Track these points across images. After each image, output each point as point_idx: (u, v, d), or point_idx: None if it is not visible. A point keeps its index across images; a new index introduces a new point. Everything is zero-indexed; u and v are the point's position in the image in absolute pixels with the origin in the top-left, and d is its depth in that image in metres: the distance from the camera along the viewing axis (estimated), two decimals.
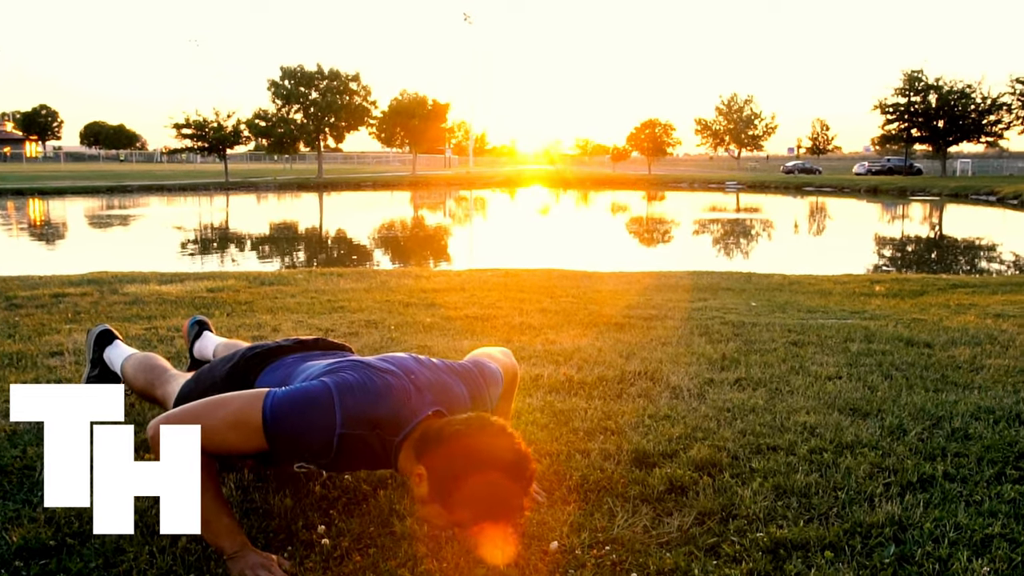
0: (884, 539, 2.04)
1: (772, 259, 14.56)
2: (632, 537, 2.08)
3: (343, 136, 56.00)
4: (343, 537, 2.08)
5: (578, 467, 2.52)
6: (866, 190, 46.21)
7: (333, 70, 53.06)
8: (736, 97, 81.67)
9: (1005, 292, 6.94)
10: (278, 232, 22.61)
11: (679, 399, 3.26)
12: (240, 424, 1.91)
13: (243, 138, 49.32)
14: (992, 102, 55.54)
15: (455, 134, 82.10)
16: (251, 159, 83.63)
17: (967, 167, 64.33)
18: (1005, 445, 2.68)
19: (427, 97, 61.13)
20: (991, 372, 3.68)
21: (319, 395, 1.94)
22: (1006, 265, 15.48)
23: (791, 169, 71.43)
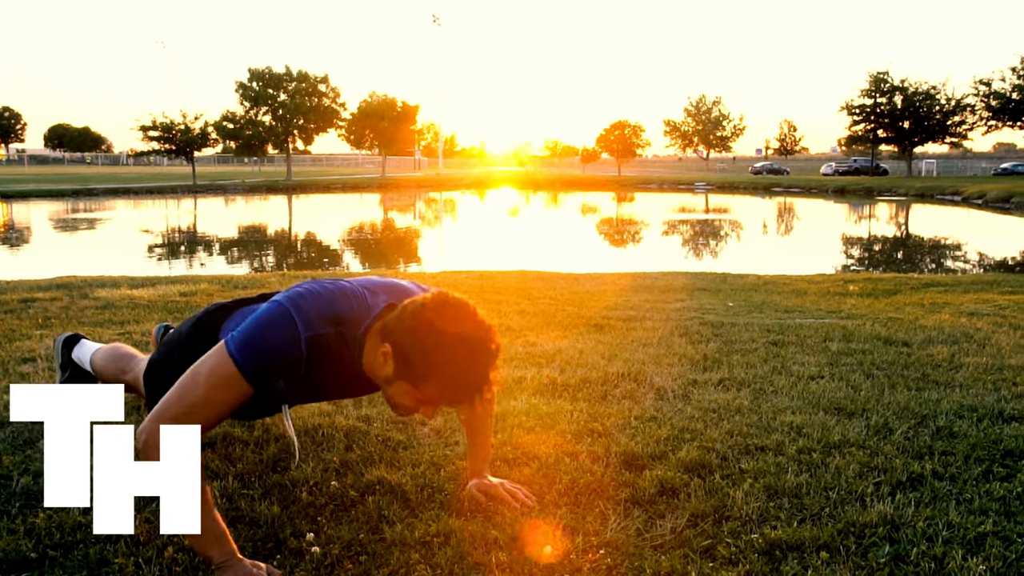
0: (878, 539, 2.03)
1: (744, 259, 14.64)
2: (625, 540, 2.06)
3: (312, 138, 55.64)
4: (333, 544, 2.05)
5: (567, 470, 2.50)
6: (834, 190, 46.61)
7: (302, 72, 52.73)
8: (704, 98, 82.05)
9: (976, 290, 7.02)
10: (247, 235, 22.40)
11: (664, 400, 3.25)
12: (220, 382, 1.91)
13: (211, 140, 48.85)
14: (956, 103, 56.30)
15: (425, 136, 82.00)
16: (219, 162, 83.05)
17: (932, 167, 65.19)
18: (990, 443, 2.70)
19: (396, 99, 60.97)
20: (970, 370, 3.70)
21: (274, 313, 1.96)
22: (971, 265, 15.67)
23: (759, 170, 71.98)
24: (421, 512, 2.24)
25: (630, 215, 31.66)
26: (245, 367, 1.90)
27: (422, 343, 1.82)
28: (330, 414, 3.05)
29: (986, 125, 55.05)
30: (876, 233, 23.51)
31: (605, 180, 60.67)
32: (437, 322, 1.82)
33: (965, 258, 16.68)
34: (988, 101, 53.34)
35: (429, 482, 2.43)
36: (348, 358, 2.01)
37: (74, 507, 2.21)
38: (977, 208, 32.79)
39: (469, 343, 1.82)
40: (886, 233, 23.61)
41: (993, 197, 34.17)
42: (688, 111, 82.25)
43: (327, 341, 1.96)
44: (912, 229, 25.21)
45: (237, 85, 51.59)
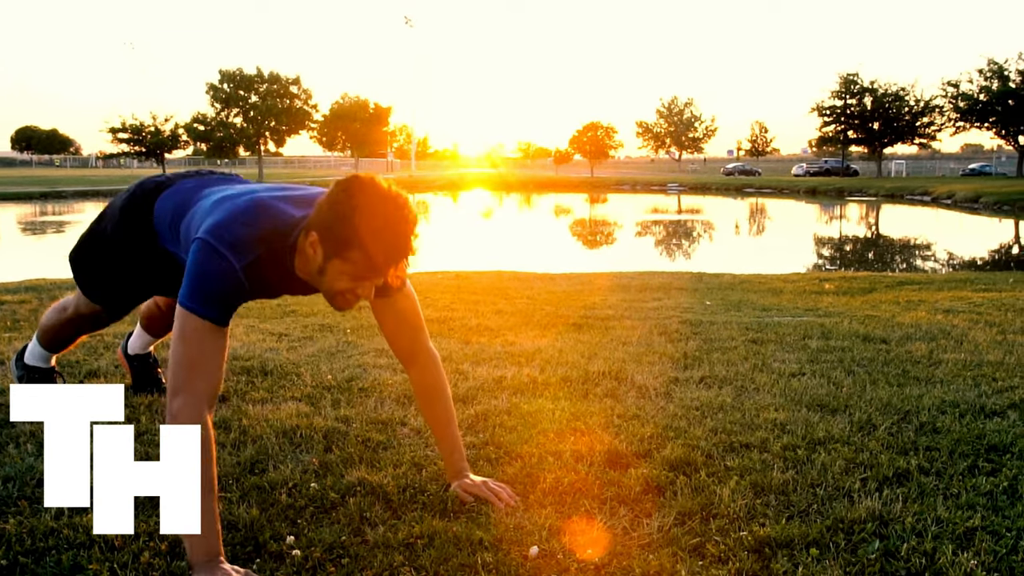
0: (867, 535, 2.01)
1: (719, 259, 14.68)
2: (612, 540, 2.03)
3: (284, 140, 55.43)
4: (314, 547, 2.00)
5: (551, 469, 2.46)
6: (805, 191, 46.99)
7: (273, 73, 52.47)
8: (676, 100, 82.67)
9: (950, 288, 7.07)
10: None
11: (646, 399, 3.22)
12: (198, 335, 1.95)
13: (181, 142, 48.58)
14: (925, 105, 57.04)
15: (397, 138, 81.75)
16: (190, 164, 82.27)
17: (901, 168, 65.97)
18: (973, 438, 2.69)
19: (369, 100, 60.90)
20: (949, 367, 3.71)
21: (205, 255, 1.97)
22: (943, 264, 15.82)
23: (731, 171, 72.38)
24: (404, 513, 2.20)
25: (605, 216, 31.72)
26: (204, 312, 1.94)
27: (341, 212, 1.87)
28: (308, 415, 3.00)
29: (954, 126, 55.85)
30: (849, 233, 23.70)
31: (578, 181, 60.76)
32: (350, 191, 1.89)
33: (937, 257, 16.85)
34: (956, 102, 54.10)
35: (411, 483, 2.39)
36: (287, 267, 2.06)
37: (45, 513, 2.16)
38: (946, 208, 33.16)
39: (384, 201, 1.87)
40: (858, 233, 23.80)
41: (962, 197, 34.57)
42: (660, 112, 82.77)
43: (260, 262, 2.00)
44: (884, 229, 25.44)
45: (208, 86, 51.28)
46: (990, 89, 51.61)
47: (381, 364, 3.79)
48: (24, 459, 2.52)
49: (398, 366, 3.73)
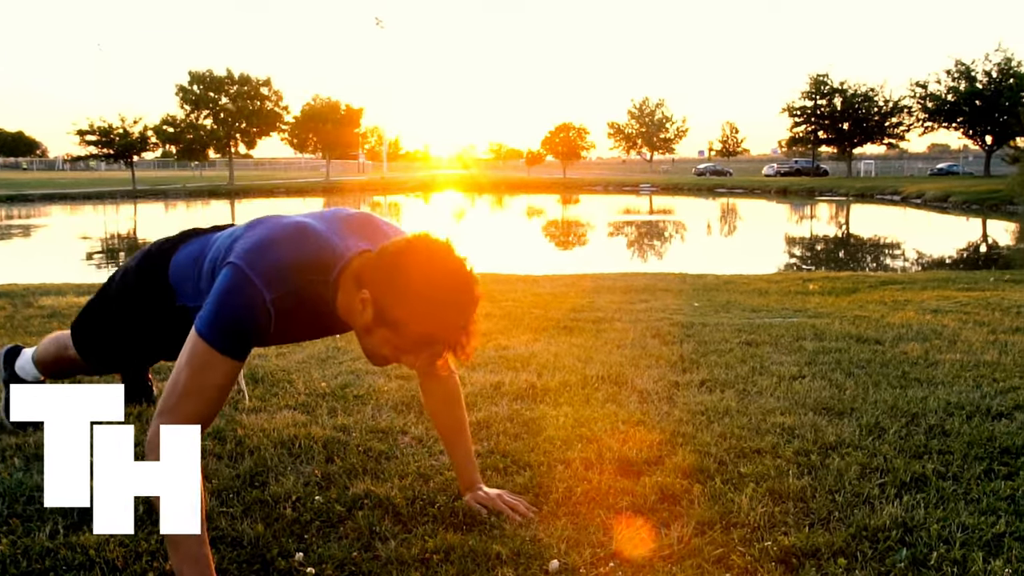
0: (893, 543, 1.97)
1: (698, 260, 14.70)
2: (633, 552, 1.97)
3: (255, 142, 54.98)
4: (325, 564, 1.93)
5: (562, 478, 2.41)
6: (776, 191, 47.32)
7: (243, 75, 52.02)
8: (648, 101, 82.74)
9: (934, 287, 7.09)
10: None
11: (649, 403, 3.17)
12: (203, 366, 1.80)
13: (150, 144, 47.97)
14: (894, 105, 57.64)
15: (369, 139, 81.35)
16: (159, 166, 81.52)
17: (870, 168, 66.58)
18: (985, 440, 2.66)
19: (340, 102, 60.48)
20: (947, 367, 3.69)
21: (233, 282, 1.82)
22: (918, 263, 15.94)
23: (703, 171, 72.74)
24: (414, 527, 2.13)
25: (580, 218, 31.73)
26: (217, 344, 1.79)
27: (402, 285, 1.73)
28: (305, 424, 2.92)
29: (922, 126, 56.55)
30: (824, 233, 23.85)
31: (550, 182, 60.79)
32: (417, 263, 1.73)
33: (914, 256, 16.97)
34: (924, 103, 54.76)
35: (419, 494, 2.32)
36: (321, 304, 1.90)
37: (39, 532, 2.08)
38: (916, 207, 33.50)
39: (450, 283, 1.73)
40: (834, 233, 23.96)
41: (931, 197, 34.96)
42: (632, 113, 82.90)
43: (294, 295, 1.85)
44: (859, 229, 25.62)
45: (177, 88, 50.74)
46: (958, 90, 52.30)
47: (374, 370, 3.71)
48: (12, 474, 2.43)
49: (392, 372, 3.66)
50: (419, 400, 3.21)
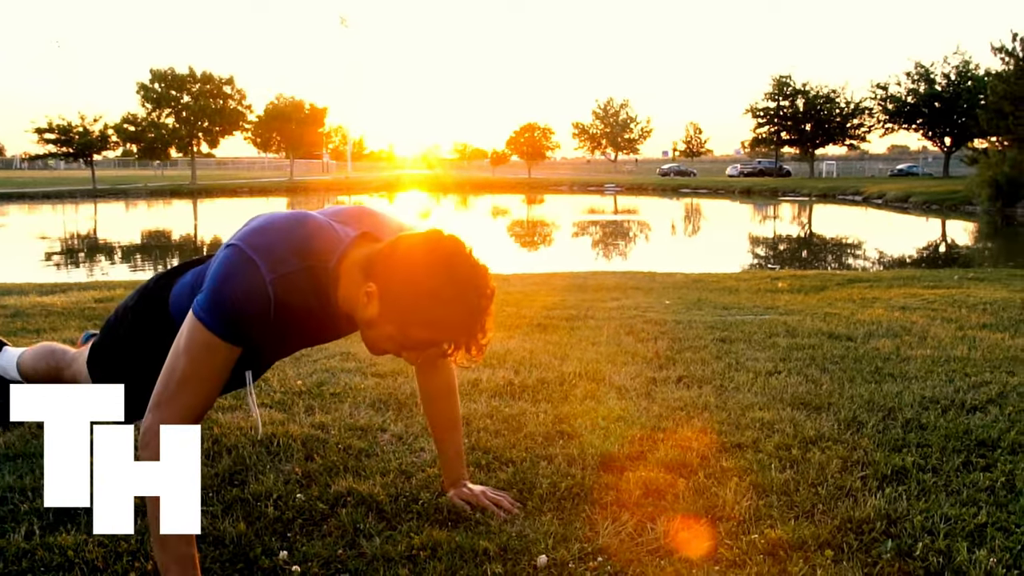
0: (878, 534, 1.98)
1: (666, 258, 14.77)
2: (620, 546, 1.97)
3: (217, 141, 54.43)
4: (311, 562, 1.90)
5: (545, 474, 2.40)
6: (740, 191, 47.72)
7: (206, 73, 51.52)
8: (612, 101, 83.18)
9: (900, 286, 7.17)
10: (153, 240, 21.70)
11: (627, 399, 3.17)
12: (200, 351, 1.74)
13: (111, 143, 47.33)
14: (855, 106, 58.45)
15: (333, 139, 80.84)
16: (120, 165, 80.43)
17: (832, 168, 67.35)
18: (961, 434, 2.69)
19: (304, 101, 60.06)
20: (919, 363, 3.73)
21: (232, 261, 1.75)
22: (882, 261, 16.14)
23: (667, 171, 73.16)
24: (399, 524, 2.11)
25: (547, 217, 31.77)
26: (216, 328, 1.72)
27: (413, 284, 1.66)
28: (283, 422, 2.88)
29: (883, 127, 57.39)
30: (790, 233, 24.09)
31: (515, 182, 60.82)
32: (430, 262, 1.67)
33: (879, 256, 17.18)
34: (885, 104, 55.56)
35: (402, 491, 2.30)
36: (321, 295, 1.82)
37: (14, 533, 2.03)
38: (878, 208, 33.97)
39: (462, 286, 1.66)
40: (800, 233, 24.22)
41: (892, 197, 35.46)
42: (596, 114, 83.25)
43: (295, 278, 1.76)
44: (824, 229, 25.91)
45: (138, 86, 50.12)
46: (917, 92, 53.15)
47: (349, 368, 3.68)
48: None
49: (368, 370, 3.63)
50: (396, 398, 3.19)
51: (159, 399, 1.75)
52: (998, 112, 33.55)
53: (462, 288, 1.66)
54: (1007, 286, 6.96)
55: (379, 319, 1.73)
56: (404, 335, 1.72)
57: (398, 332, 1.72)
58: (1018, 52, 32.92)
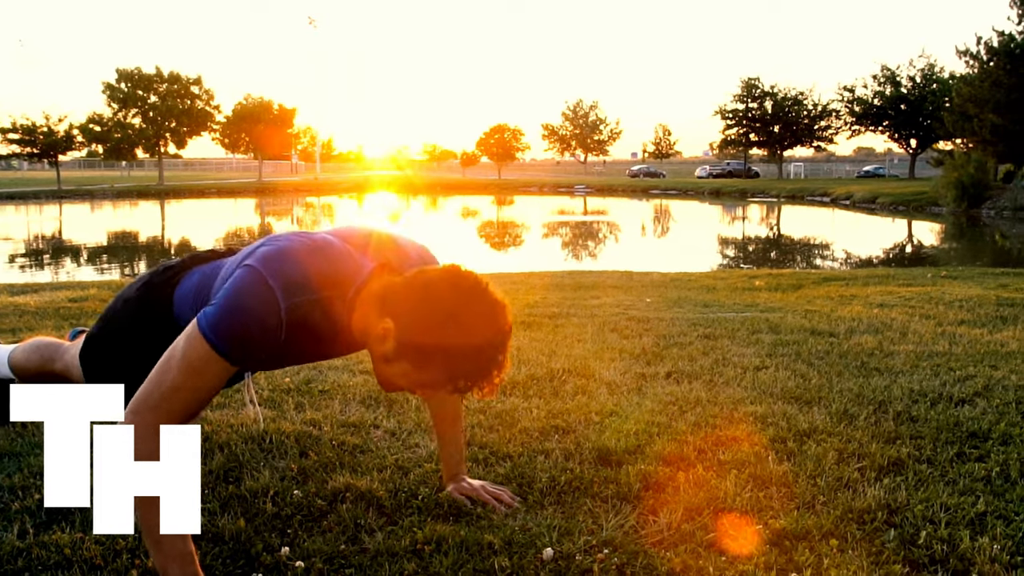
0: (880, 524, 2.00)
1: (640, 259, 14.81)
2: (624, 539, 1.96)
3: (185, 142, 53.81)
4: (314, 558, 1.88)
5: (543, 468, 2.39)
6: (710, 192, 48.02)
7: (173, 73, 50.96)
8: (582, 103, 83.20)
9: (875, 284, 7.24)
10: (120, 241, 21.45)
11: (618, 395, 3.17)
12: (197, 365, 1.69)
13: (76, 143, 46.75)
14: (823, 109, 59.07)
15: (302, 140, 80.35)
16: (85, 166, 79.44)
17: (800, 170, 67.90)
18: (952, 425, 2.72)
19: (273, 101, 59.60)
20: (903, 358, 3.77)
21: (247, 282, 1.71)
22: (847, 261, 16.30)
23: (636, 173, 73.40)
24: (400, 519, 2.09)
25: (519, 218, 31.78)
26: (221, 346, 1.68)
27: (432, 325, 1.63)
28: (274, 419, 2.85)
29: (850, 129, 58.04)
30: (762, 234, 24.27)
31: (486, 183, 60.80)
32: (450, 302, 1.63)
33: (851, 255, 17.34)
34: (852, 107, 56.19)
35: (400, 487, 2.28)
36: (334, 322, 1.79)
37: (6, 531, 1.99)
38: (846, 209, 34.31)
39: (484, 327, 1.64)
40: (771, 234, 24.39)
41: (860, 198, 35.84)
42: (566, 115, 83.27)
43: (308, 307, 1.74)
44: (795, 229, 26.13)
45: (104, 86, 49.47)
46: (883, 94, 53.81)
47: (337, 365, 3.65)
48: None
49: (355, 367, 3.61)
50: (386, 395, 3.17)
51: (144, 403, 1.69)
52: (963, 114, 34.07)
53: (482, 331, 1.64)
54: (980, 284, 7.06)
55: (395, 356, 1.70)
56: (421, 374, 1.70)
57: (414, 370, 1.70)
58: (982, 56, 33.42)
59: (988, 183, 29.15)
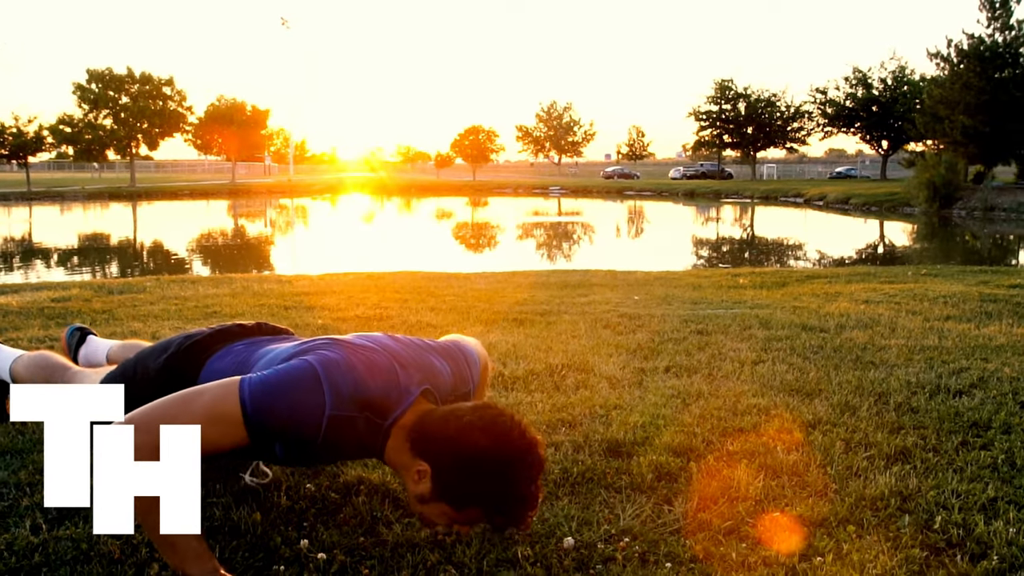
0: (894, 511, 2.03)
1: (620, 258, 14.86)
2: (642, 528, 1.98)
3: (157, 143, 53.29)
4: (335, 550, 1.87)
5: (556, 460, 2.40)
6: (684, 193, 48.26)
7: (145, 74, 50.45)
8: (556, 104, 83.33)
9: (858, 281, 7.31)
10: (93, 243, 21.22)
11: (620, 388, 3.19)
12: (217, 418, 1.67)
13: (46, 145, 46.19)
14: (796, 110, 59.57)
15: (275, 141, 79.89)
16: (55, 167, 78.53)
17: (772, 171, 68.42)
18: (953, 416, 2.76)
19: (246, 103, 59.20)
20: (896, 352, 3.81)
21: (303, 375, 1.72)
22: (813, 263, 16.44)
23: (611, 174, 73.61)
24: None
25: (495, 219, 31.76)
26: (252, 416, 1.68)
27: (468, 470, 1.68)
28: None
29: (823, 131, 58.58)
30: (739, 234, 24.41)
31: (460, 185, 60.73)
32: (485, 449, 1.68)
33: (829, 254, 17.48)
34: (824, 108, 56.70)
35: None
36: (367, 441, 1.81)
37: (17, 527, 1.97)
38: (820, 209, 34.61)
39: (519, 469, 1.68)
40: (746, 235, 24.54)
41: (833, 199, 36.17)
42: (540, 117, 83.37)
43: (350, 423, 1.76)
44: (771, 230, 26.32)
45: (75, 87, 48.87)
46: (855, 96, 54.34)
47: None
48: None
49: None
50: None
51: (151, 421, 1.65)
52: (934, 116, 34.50)
53: (518, 474, 1.68)
54: (961, 280, 7.14)
55: (431, 496, 1.73)
56: (459, 515, 1.73)
57: (453, 511, 1.73)
58: (953, 58, 33.86)
59: (959, 184, 29.52)
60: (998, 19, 33.23)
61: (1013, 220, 25.38)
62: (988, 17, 33.33)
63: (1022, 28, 33.15)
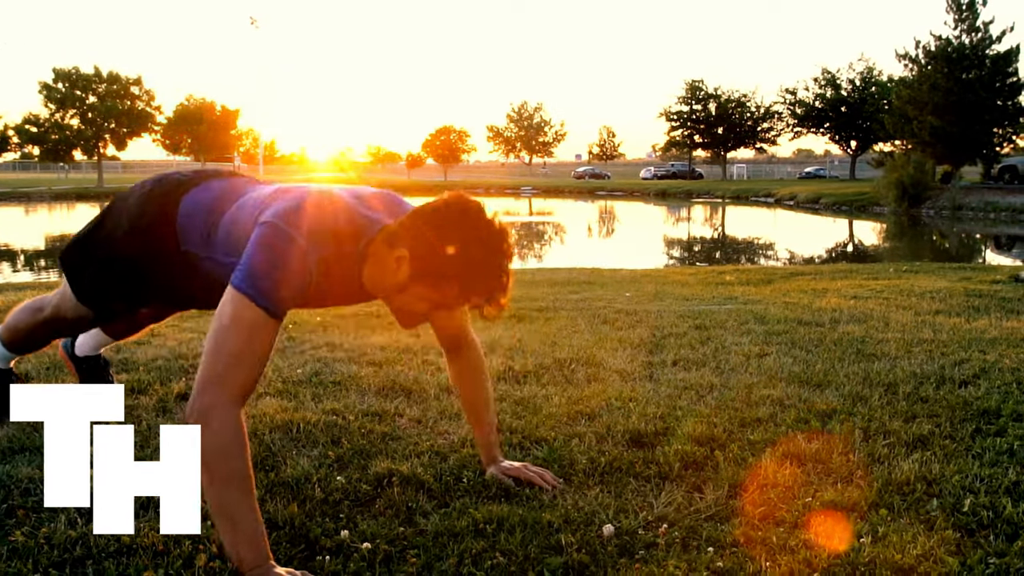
0: (922, 495, 2.07)
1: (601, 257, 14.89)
2: (677, 515, 2.01)
3: (125, 143, 52.85)
4: (377, 540, 1.88)
5: (580, 451, 2.43)
6: (656, 193, 48.54)
7: (112, 73, 49.98)
8: (526, 104, 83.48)
9: (842, 278, 7.41)
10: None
11: (632, 381, 3.22)
12: (250, 328, 1.74)
13: (12, 145, 45.60)
14: (765, 111, 60.11)
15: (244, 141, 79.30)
16: (20, 168, 77.43)
17: (742, 171, 68.98)
18: (962, 405, 2.82)
19: (215, 103, 58.85)
20: (895, 344, 3.88)
21: (272, 238, 1.79)
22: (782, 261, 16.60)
23: (582, 174, 73.87)
24: (450, 501, 2.11)
25: None
26: (265, 303, 1.74)
27: (444, 242, 1.75)
28: (295, 409, 2.84)
29: (792, 131, 59.14)
30: (712, 234, 24.59)
31: (432, 185, 60.39)
32: (456, 219, 1.77)
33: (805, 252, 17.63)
34: (794, 109, 57.24)
35: (442, 471, 2.29)
36: (348, 274, 1.91)
37: (52, 522, 1.96)
38: (791, 209, 34.92)
39: (487, 238, 1.77)
40: (718, 234, 24.72)
41: (804, 199, 36.51)
42: (511, 117, 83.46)
43: (330, 258, 1.85)
44: (745, 229, 26.53)
45: (41, 86, 48.29)
46: (824, 97, 54.91)
47: (340, 358, 3.64)
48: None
49: (359, 359, 3.61)
50: (401, 385, 3.18)
51: (210, 379, 1.71)
52: (903, 116, 34.95)
53: (487, 239, 1.77)
54: (943, 276, 7.27)
55: (411, 281, 1.81)
56: (436, 291, 1.80)
57: (431, 291, 1.81)
58: (921, 59, 34.31)
59: (928, 183, 29.87)
60: (964, 21, 33.76)
61: (980, 219, 25.75)
62: (955, 19, 33.83)
63: (988, 30, 33.71)
